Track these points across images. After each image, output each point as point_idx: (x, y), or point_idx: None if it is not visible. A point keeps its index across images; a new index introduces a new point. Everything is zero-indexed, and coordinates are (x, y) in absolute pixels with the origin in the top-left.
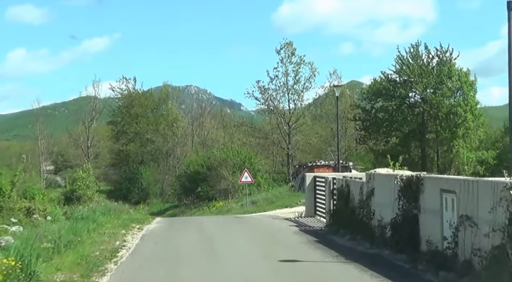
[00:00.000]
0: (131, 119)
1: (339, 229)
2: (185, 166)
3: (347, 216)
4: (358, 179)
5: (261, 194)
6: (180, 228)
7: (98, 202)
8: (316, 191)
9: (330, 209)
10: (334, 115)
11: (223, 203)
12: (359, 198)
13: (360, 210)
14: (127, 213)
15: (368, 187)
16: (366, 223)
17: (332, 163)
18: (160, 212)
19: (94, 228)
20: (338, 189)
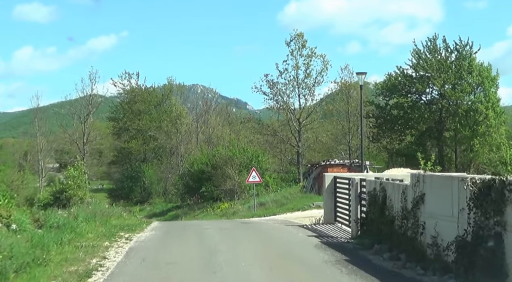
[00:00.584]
0: (134, 116)
1: (372, 244)
2: (188, 164)
3: (383, 228)
4: (398, 180)
5: (270, 195)
6: (177, 237)
7: (89, 203)
8: (336, 194)
9: (358, 216)
10: (345, 112)
11: (229, 204)
12: (401, 205)
13: (403, 221)
14: (118, 217)
15: (415, 192)
16: (412, 238)
17: (347, 162)
18: (162, 213)
19: (71, 239)
20: (369, 192)
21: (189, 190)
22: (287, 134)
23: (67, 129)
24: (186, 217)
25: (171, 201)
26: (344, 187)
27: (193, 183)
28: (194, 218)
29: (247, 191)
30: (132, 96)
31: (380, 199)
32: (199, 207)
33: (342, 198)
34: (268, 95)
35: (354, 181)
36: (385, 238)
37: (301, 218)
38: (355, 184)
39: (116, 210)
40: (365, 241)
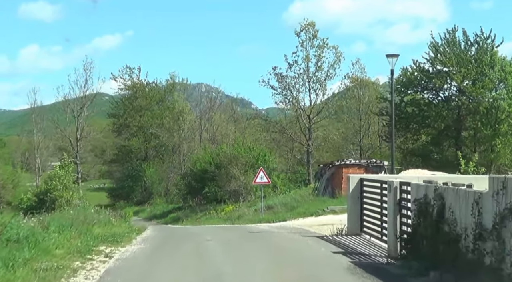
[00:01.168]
0: (134, 112)
1: (426, 269)
2: (191, 163)
3: (441, 248)
4: (461, 186)
5: (278, 197)
6: (171, 253)
7: (77, 206)
8: (363, 200)
9: (398, 230)
10: (356, 109)
11: (233, 207)
12: (473, 220)
13: (477, 242)
14: (105, 223)
15: (498, 203)
16: (495, 269)
17: (364, 162)
18: (162, 215)
19: (29, 258)
20: (417, 201)
21: (192, 190)
22: (296, 132)
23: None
24: (187, 220)
25: (173, 201)
26: (374, 192)
27: (195, 183)
28: (196, 221)
29: (253, 192)
30: (133, 91)
31: (435, 210)
32: (202, 209)
33: (372, 205)
34: (276, 89)
35: (393, 185)
36: (445, 262)
37: (317, 225)
38: (394, 189)
39: (103, 215)
40: (413, 264)
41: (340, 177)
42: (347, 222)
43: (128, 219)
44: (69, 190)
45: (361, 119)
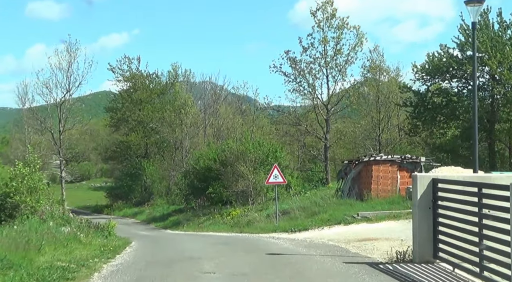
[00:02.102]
0: (133, 106)
1: None
2: (193, 160)
3: None
4: None
5: (293, 199)
6: None
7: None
8: (437, 211)
9: None
10: (374, 101)
11: (242, 211)
12: None
13: None
14: (66, 244)
15: None
16: None
17: (397, 158)
18: (162, 217)
19: None
20: None
21: (194, 190)
22: (312, 124)
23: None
24: (188, 225)
25: (175, 202)
26: (463, 200)
27: (198, 183)
28: (198, 226)
29: (264, 193)
30: (132, 83)
31: None
32: (205, 212)
33: (459, 220)
34: (290, 76)
35: None
36: None
37: (356, 241)
38: None
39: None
40: None
41: (369, 175)
42: (413, 243)
43: (109, 231)
44: (35, 194)
45: (379, 111)
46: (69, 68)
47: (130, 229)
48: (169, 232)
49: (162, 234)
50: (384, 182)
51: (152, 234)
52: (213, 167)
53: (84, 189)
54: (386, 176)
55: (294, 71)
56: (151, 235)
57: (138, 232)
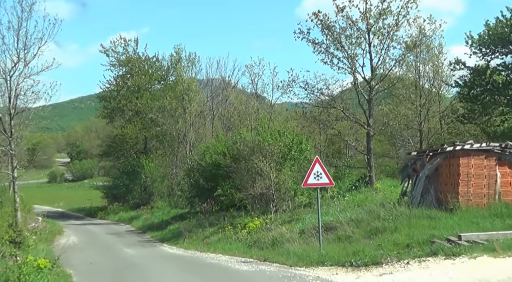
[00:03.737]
0: (130, 93)
1: None
2: (198, 155)
3: None
4: None
5: (333, 206)
6: None
7: None
8: None
9: None
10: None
11: (261, 222)
12: None
13: None
14: None
15: None
16: None
17: (496, 147)
18: (161, 225)
19: None
20: None
21: (199, 191)
22: (347, 106)
23: None
24: (191, 239)
25: (177, 205)
26: None
27: (204, 182)
28: (203, 242)
29: (290, 197)
30: (128, 68)
31: None
32: (213, 220)
33: None
34: (321, 45)
35: None
36: None
37: None
38: None
39: None
40: None
41: (454, 173)
42: None
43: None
44: None
45: (421, 96)
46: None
47: (115, 244)
48: (165, 248)
49: (150, 255)
50: (478, 183)
51: (140, 253)
52: (222, 163)
53: (86, 188)
54: (480, 173)
55: (327, 38)
56: (134, 260)
57: (122, 250)
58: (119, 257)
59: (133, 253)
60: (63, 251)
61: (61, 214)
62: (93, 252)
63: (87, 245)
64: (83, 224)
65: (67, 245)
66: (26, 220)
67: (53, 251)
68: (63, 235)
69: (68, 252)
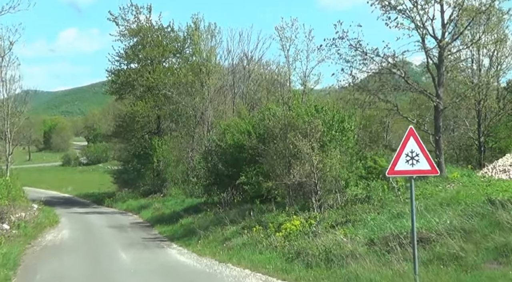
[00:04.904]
0: (141, 67)
1: None
2: (217, 134)
3: None
4: None
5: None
6: None
7: None
8: None
9: None
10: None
11: (302, 222)
12: None
13: None
14: None
15: None
16: None
17: None
18: (172, 217)
19: None
20: None
21: (218, 178)
22: (407, 73)
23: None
24: (206, 240)
25: (193, 193)
26: None
27: (224, 167)
28: (223, 246)
29: (341, 189)
30: (139, 38)
31: None
32: (235, 216)
33: None
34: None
35: None
36: None
37: None
38: None
39: None
40: None
41: None
42: None
43: None
44: None
45: (480, 70)
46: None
47: (111, 244)
48: (173, 252)
49: (149, 268)
50: None
51: (137, 262)
52: (246, 144)
53: (99, 172)
54: None
55: None
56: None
57: (116, 254)
58: (105, 270)
59: (129, 260)
60: (34, 257)
61: (66, 200)
62: (76, 258)
63: (75, 246)
64: (87, 212)
65: (50, 244)
66: (10, 209)
67: (15, 259)
68: (54, 228)
69: (42, 257)
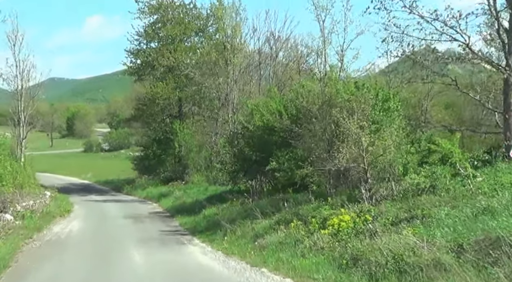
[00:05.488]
0: (162, 46)
1: None
2: (244, 116)
3: None
4: None
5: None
6: None
7: None
8: None
9: None
10: None
11: (353, 217)
12: None
13: None
14: None
15: None
16: None
17: None
18: (194, 207)
19: None
20: None
21: (244, 164)
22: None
23: None
24: (234, 234)
25: (217, 180)
26: None
27: (252, 152)
28: (254, 243)
29: (397, 176)
30: (160, 15)
31: None
32: (266, 207)
33: None
34: None
35: None
36: None
37: None
38: None
39: None
40: None
41: None
42: None
43: None
44: None
45: None
46: None
47: (125, 239)
48: (195, 251)
49: (167, 273)
50: None
51: (152, 264)
52: (277, 127)
53: (121, 158)
54: None
55: None
56: None
57: (127, 253)
58: (112, 276)
59: (141, 263)
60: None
61: (85, 187)
62: (79, 258)
63: (81, 241)
64: (104, 200)
65: (54, 238)
66: (16, 197)
67: (6, 259)
68: (65, 218)
69: (40, 255)
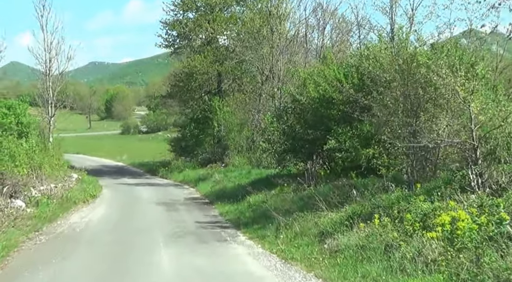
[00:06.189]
0: (200, 16)
1: None
2: (294, 86)
3: None
4: None
5: None
6: None
7: None
8: None
9: None
10: None
11: (471, 224)
12: None
13: None
14: None
15: None
16: None
17: None
18: (236, 192)
19: None
20: None
21: (296, 144)
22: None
23: None
24: (290, 230)
25: (261, 163)
26: None
27: (304, 129)
28: (322, 244)
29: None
30: None
31: None
32: (329, 194)
33: None
34: None
35: None
36: None
37: None
38: None
39: None
40: None
41: None
42: None
43: None
44: None
45: None
46: None
47: (153, 232)
48: (243, 253)
49: None
50: None
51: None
52: (336, 98)
53: (159, 140)
54: None
55: None
56: None
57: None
58: None
59: (170, 272)
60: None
61: (119, 170)
62: (89, 260)
63: (100, 235)
64: (136, 184)
65: (66, 231)
66: (31, 180)
67: None
68: (88, 204)
69: (41, 256)
